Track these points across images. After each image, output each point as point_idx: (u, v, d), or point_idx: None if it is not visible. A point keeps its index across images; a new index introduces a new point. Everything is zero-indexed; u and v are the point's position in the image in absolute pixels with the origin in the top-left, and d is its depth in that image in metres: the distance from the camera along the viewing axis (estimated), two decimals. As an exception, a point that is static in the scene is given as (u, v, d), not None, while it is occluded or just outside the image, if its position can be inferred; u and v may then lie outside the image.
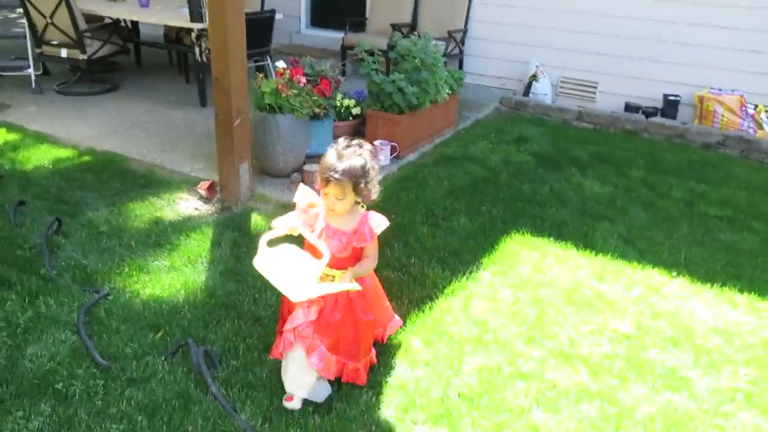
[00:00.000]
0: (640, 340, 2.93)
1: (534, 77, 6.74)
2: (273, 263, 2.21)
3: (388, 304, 2.76)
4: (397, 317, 2.82)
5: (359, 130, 5.14)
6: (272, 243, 2.27)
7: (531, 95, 6.75)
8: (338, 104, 5.04)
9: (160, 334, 2.77)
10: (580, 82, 6.76)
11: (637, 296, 3.29)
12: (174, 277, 3.21)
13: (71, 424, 2.26)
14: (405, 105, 4.87)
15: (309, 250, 2.33)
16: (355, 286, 2.28)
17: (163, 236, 3.61)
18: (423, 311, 3.04)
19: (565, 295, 3.25)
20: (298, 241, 2.34)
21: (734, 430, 2.43)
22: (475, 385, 2.58)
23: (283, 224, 2.35)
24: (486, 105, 6.53)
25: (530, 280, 3.38)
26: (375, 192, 2.32)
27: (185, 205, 4.06)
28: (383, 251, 3.54)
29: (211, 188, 4.20)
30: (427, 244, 3.69)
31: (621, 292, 3.31)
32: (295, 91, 4.40)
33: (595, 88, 6.70)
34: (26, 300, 2.92)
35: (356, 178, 2.24)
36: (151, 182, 4.31)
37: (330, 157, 2.27)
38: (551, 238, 3.83)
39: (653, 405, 2.53)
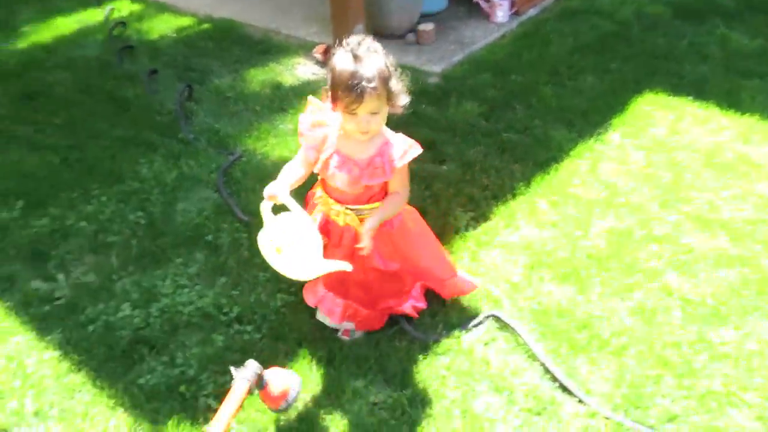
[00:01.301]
0: (789, 206, 2.73)
1: None
2: (274, 240, 1.87)
3: (444, 255, 2.32)
4: (465, 277, 2.35)
5: (475, -16, 4.81)
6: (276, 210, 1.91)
7: (669, -64, 5.94)
8: (453, -44, 4.71)
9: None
10: None
11: (788, 159, 3.02)
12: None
13: (224, 271, 2.50)
14: (527, -47, 4.46)
15: (310, 198, 2.08)
16: (347, 267, 1.81)
17: (286, 101, 3.69)
18: (548, 173, 2.98)
19: (705, 158, 3.04)
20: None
21: None
22: (605, 247, 2.55)
23: (266, 194, 1.89)
24: (616, -50, 5.84)
25: (665, 143, 3.17)
26: (404, 98, 1.85)
27: (303, 69, 4.09)
28: (498, 114, 3.43)
29: (326, 52, 4.16)
30: (551, 104, 3.52)
31: (769, 155, 3.05)
32: (409, -57, 4.14)
33: None
34: (170, 162, 3.15)
35: (387, 82, 1.78)
36: (269, 48, 4.34)
37: (345, 63, 1.75)
38: (689, 98, 3.52)
39: (800, 271, 2.39)
